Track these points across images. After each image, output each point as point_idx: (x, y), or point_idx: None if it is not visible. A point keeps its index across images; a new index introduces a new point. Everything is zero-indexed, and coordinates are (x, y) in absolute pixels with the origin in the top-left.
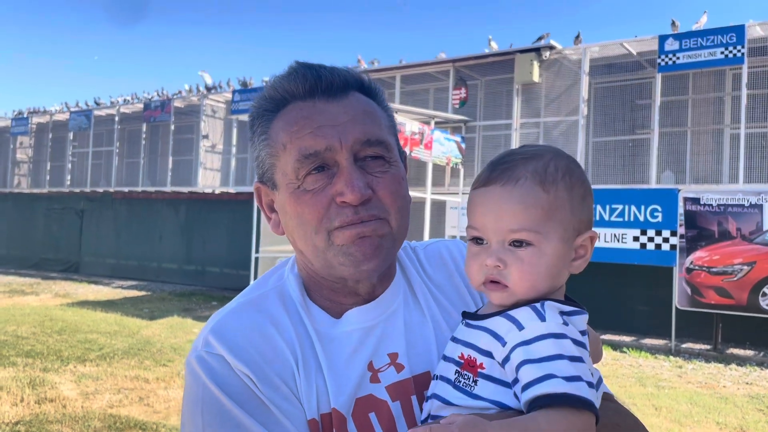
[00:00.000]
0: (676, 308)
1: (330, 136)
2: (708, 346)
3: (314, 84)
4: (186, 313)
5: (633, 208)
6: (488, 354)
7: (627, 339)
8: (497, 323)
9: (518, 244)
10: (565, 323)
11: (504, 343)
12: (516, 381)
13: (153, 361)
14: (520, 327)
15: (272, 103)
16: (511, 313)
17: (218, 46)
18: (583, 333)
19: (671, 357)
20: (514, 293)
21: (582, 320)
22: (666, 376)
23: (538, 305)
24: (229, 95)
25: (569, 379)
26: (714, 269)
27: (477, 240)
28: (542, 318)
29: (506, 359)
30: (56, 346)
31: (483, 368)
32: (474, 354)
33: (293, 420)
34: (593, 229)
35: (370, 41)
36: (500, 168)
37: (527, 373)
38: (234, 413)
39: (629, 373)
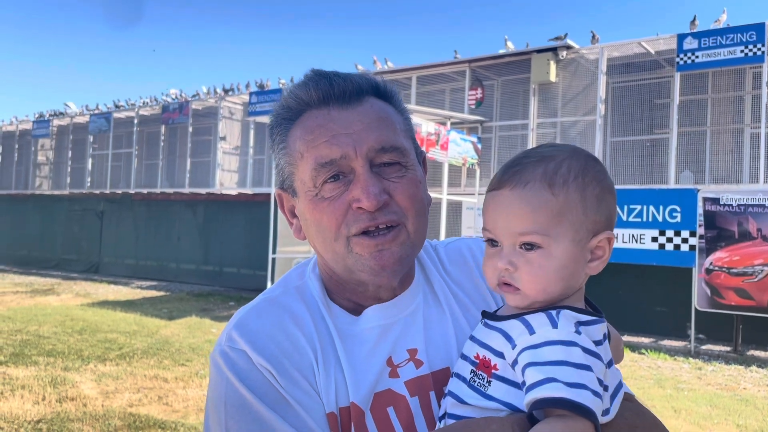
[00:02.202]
0: (696, 309)
1: (345, 145)
2: (728, 348)
3: (328, 92)
4: (204, 313)
5: (651, 208)
6: (501, 355)
7: (646, 340)
8: (511, 325)
9: (528, 247)
10: (578, 332)
11: (514, 346)
12: (524, 383)
13: (172, 361)
14: (532, 331)
15: (289, 111)
16: (527, 317)
17: (235, 48)
18: (597, 343)
19: (690, 359)
20: (527, 296)
21: (599, 329)
22: (685, 378)
23: (553, 312)
24: (246, 97)
25: (571, 385)
26: (734, 270)
27: (492, 242)
28: (554, 325)
29: (515, 362)
30: (77, 346)
31: (497, 369)
32: (489, 355)
33: (312, 413)
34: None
35: (386, 42)
36: (511, 171)
37: (530, 376)
38: (255, 406)
39: (648, 374)
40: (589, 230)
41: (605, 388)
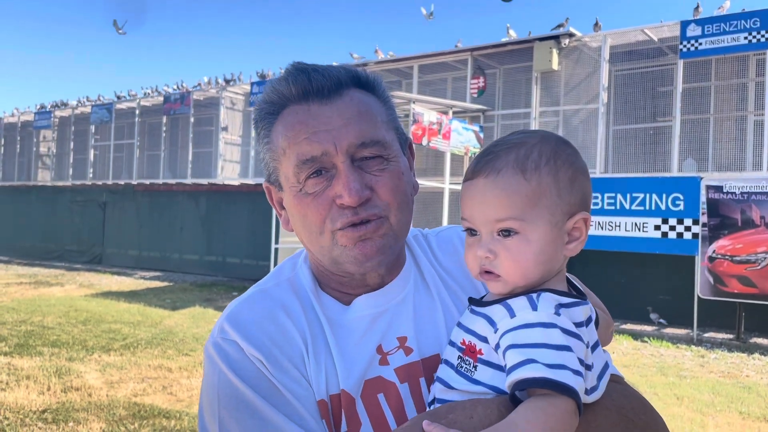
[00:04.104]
0: (699, 297)
1: (325, 141)
2: (731, 336)
3: (306, 87)
4: (207, 303)
5: (654, 196)
6: (485, 340)
7: (648, 329)
8: (494, 310)
9: (506, 233)
10: (558, 314)
11: (496, 329)
12: (506, 366)
13: (176, 351)
14: (512, 314)
15: (272, 106)
16: (509, 301)
17: (235, 38)
18: (579, 324)
19: (693, 346)
20: (507, 282)
21: (581, 311)
22: (688, 366)
23: (534, 295)
24: (247, 87)
25: (551, 366)
26: (737, 258)
27: (471, 231)
28: (534, 307)
29: (497, 345)
30: (81, 336)
31: (482, 354)
32: (474, 340)
33: (303, 401)
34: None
35: (387, 31)
36: (484, 160)
37: (511, 358)
38: (247, 395)
39: (650, 362)
40: (565, 212)
41: (588, 368)
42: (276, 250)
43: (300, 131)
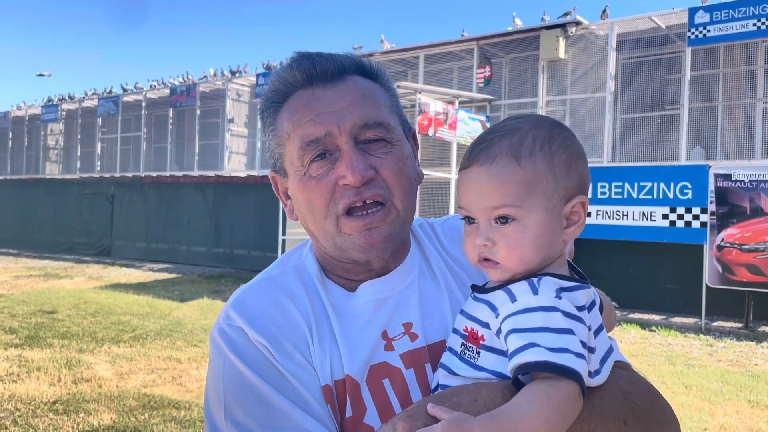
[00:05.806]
0: (707, 286)
1: (329, 122)
2: (739, 324)
3: (311, 72)
4: (216, 295)
5: (662, 185)
6: (486, 326)
7: (656, 317)
8: (496, 296)
9: (503, 220)
10: (558, 297)
11: (497, 315)
12: (508, 351)
13: (184, 342)
14: (513, 299)
15: (277, 94)
16: (510, 286)
17: (242, 29)
18: (581, 308)
19: (701, 335)
20: (506, 268)
21: (582, 295)
22: (696, 355)
23: (535, 280)
24: (253, 78)
25: (553, 349)
26: (745, 246)
27: (469, 219)
28: (535, 291)
29: (499, 330)
30: (91, 328)
31: (484, 340)
32: (476, 326)
33: (307, 386)
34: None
35: (392, 20)
36: (478, 148)
37: (513, 342)
38: (252, 380)
39: (658, 351)
40: (562, 197)
41: (591, 350)
42: (283, 241)
43: (304, 114)
